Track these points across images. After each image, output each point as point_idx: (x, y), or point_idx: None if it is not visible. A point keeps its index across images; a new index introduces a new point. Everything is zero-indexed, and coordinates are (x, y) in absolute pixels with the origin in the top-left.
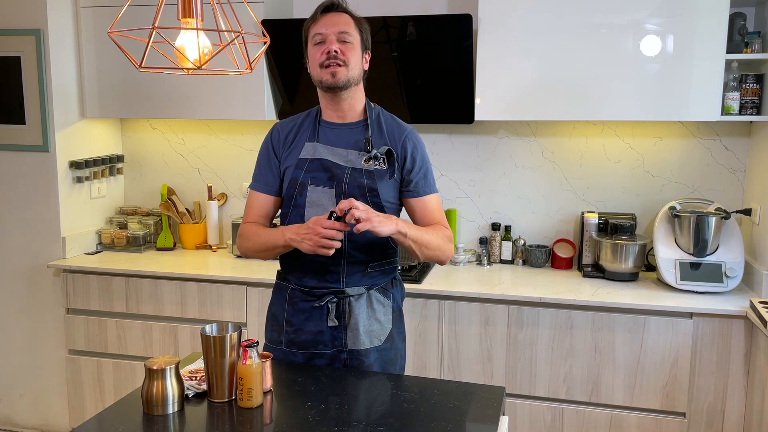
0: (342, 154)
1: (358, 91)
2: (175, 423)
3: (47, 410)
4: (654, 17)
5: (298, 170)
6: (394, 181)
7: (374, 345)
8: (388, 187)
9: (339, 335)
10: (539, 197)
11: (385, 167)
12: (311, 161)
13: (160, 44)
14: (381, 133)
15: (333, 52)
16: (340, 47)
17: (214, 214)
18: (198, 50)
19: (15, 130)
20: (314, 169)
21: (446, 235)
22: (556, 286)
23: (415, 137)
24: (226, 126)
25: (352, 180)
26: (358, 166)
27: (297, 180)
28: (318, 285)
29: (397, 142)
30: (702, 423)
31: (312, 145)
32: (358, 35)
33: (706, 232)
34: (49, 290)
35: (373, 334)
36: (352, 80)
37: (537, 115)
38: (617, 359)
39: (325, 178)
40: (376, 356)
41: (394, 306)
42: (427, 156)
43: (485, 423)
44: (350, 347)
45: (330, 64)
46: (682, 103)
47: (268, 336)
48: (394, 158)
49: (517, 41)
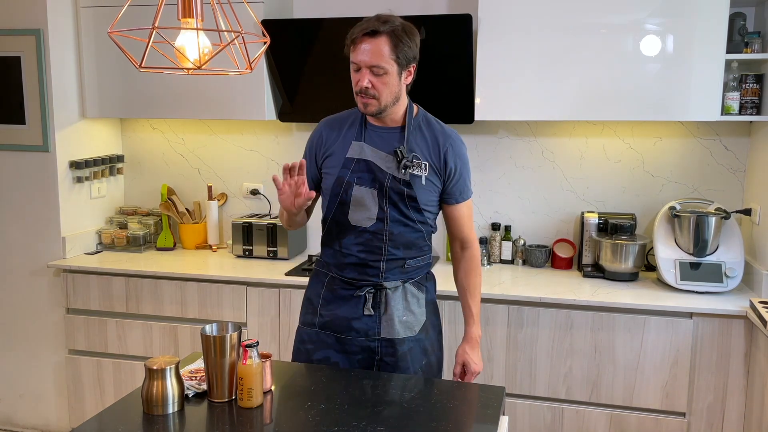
0: (385, 158)
1: (396, 107)
2: (175, 423)
3: (47, 410)
4: (654, 17)
5: (345, 169)
6: (434, 186)
7: (407, 335)
8: (427, 192)
9: (373, 324)
10: (539, 197)
11: (422, 174)
12: (357, 161)
13: (160, 44)
14: (424, 139)
15: (364, 87)
16: (372, 80)
17: (214, 214)
18: (198, 50)
19: (15, 130)
20: (360, 170)
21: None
22: (556, 286)
23: (458, 145)
24: (226, 126)
25: (393, 186)
26: (396, 174)
27: (343, 179)
28: (358, 277)
29: (440, 149)
30: (702, 423)
31: (359, 145)
32: (394, 62)
33: (706, 232)
34: (49, 290)
35: (408, 324)
36: (385, 108)
37: (537, 115)
38: (617, 359)
39: (369, 179)
40: (411, 345)
41: (428, 298)
42: (468, 161)
43: (485, 423)
44: (384, 336)
45: (361, 96)
46: (682, 103)
47: (302, 319)
48: (435, 172)
49: (517, 41)
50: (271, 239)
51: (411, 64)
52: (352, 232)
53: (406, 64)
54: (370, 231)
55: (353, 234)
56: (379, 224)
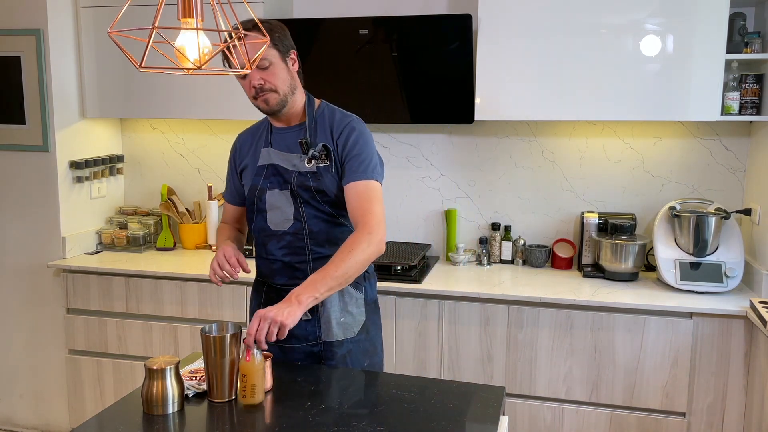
0: (290, 158)
1: (295, 99)
2: (175, 423)
3: (47, 410)
4: (654, 17)
5: (258, 177)
6: (333, 171)
7: (347, 337)
8: (333, 183)
9: (313, 329)
10: (539, 197)
11: (328, 163)
12: (267, 167)
13: (160, 44)
14: (324, 129)
15: (258, 84)
16: (262, 75)
17: (214, 214)
18: (198, 50)
19: (15, 130)
20: (270, 174)
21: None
22: (556, 286)
23: (355, 126)
24: (226, 126)
25: (300, 184)
26: (302, 168)
27: (257, 186)
28: (288, 282)
29: (339, 132)
30: (702, 423)
31: (266, 151)
32: (274, 51)
33: (706, 232)
34: (49, 290)
35: (346, 326)
36: (285, 98)
37: (537, 115)
38: (617, 359)
39: (279, 182)
40: (350, 347)
41: (367, 298)
42: (369, 144)
43: (485, 423)
44: (324, 339)
45: (258, 96)
46: (681, 103)
47: None
48: (331, 152)
49: (517, 41)
50: None
51: (290, 50)
52: (274, 236)
53: (286, 51)
54: (290, 233)
55: (275, 238)
56: (297, 224)
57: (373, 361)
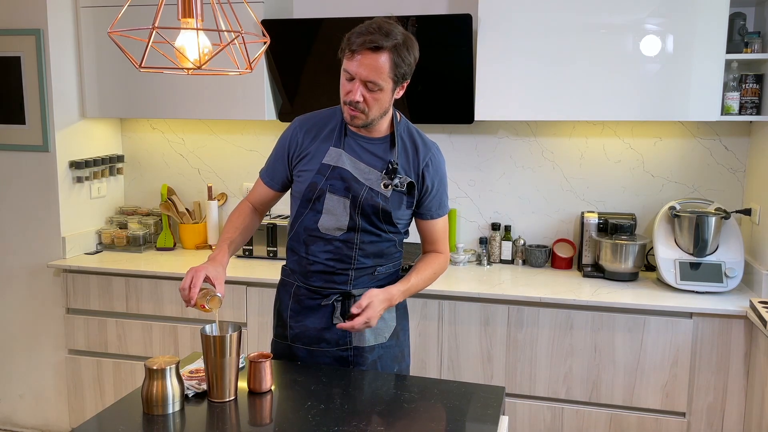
0: (364, 170)
1: (382, 120)
2: (175, 423)
3: (47, 410)
4: (654, 17)
5: (319, 176)
6: (410, 201)
7: (379, 342)
8: (401, 210)
9: (344, 333)
10: (539, 197)
11: (404, 196)
12: (333, 168)
13: (160, 44)
14: (405, 151)
15: (355, 100)
16: (365, 95)
17: (214, 214)
18: (198, 50)
19: (15, 130)
20: (333, 177)
21: (440, 264)
22: (556, 286)
23: (437, 160)
24: (226, 126)
25: (368, 198)
26: (376, 187)
27: (317, 186)
28: (325, 285)
29: (419, 163)
30: (702, 423)
31: (337, 152)
32: (390, 80)
33: (706, 232)
34: (49, 290)
35: (378, 331)
36: (371, 122)
37: (537, 115)
38: (617, 359)
39: (342, 188)
40: (381, 353)
41: (399, 304)
42: (446, 177)
43: (485, 423)
44: (355, 344)
45: (349, 105)
46: (681, 103)
47: (274, 331)
48: (414, 189)
49: (517, 41)
50: (271, 239)
51: (405, 80)
52: (322, 239)
53: (402, 80)
54: (340, 240)
55: (322, 242)
56: (350, 234)
57: (401, 367)
